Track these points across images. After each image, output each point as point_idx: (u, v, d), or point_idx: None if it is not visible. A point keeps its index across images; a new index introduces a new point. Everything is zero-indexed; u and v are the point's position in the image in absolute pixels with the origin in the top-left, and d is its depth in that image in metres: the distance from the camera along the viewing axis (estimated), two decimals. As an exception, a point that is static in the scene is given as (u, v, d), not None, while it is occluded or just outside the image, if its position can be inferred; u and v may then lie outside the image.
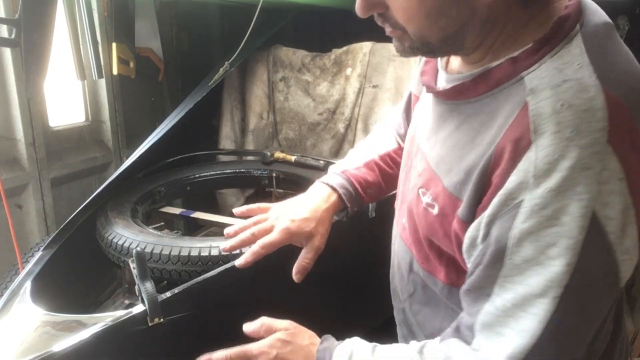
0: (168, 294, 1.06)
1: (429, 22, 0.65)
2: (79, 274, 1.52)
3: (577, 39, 0.63)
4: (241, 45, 2.01)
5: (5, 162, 2.12)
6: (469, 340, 0.68)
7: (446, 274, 0.80)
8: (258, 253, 0.94)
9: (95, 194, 1.59)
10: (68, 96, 2.51)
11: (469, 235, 0.67)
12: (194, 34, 2.94)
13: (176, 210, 1.84)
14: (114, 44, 2.42)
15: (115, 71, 2.46)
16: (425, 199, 0.78)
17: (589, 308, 0.61)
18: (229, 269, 1.17)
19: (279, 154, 2.09)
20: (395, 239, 0.97)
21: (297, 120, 2.43)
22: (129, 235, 1.37)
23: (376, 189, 1.09)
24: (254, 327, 0.86)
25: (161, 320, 1.02)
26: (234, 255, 1.26)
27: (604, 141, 0.57)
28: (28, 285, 1.23)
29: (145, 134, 1.88)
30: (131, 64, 2.54)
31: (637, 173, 0.59)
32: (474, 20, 0.65)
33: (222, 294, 1.17)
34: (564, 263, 0.57)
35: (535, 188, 0.58)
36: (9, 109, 2.10)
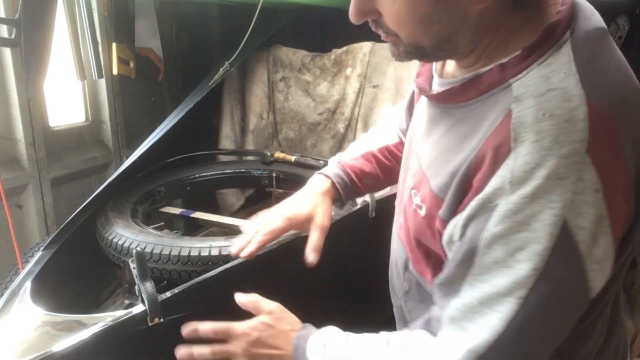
0: (168, 294, 1.06)
1: (421, 29, 0.65)
2: (79, 274, 1.51)
3: (567, 46, 0.63)
4: (241, 45, 2.01)
5: (5, 162, 2.12)
6: (436, 332, 0.70)
7: (433, 275, 0.80)
8: (261, 241, 0.99)
9: (95, 194, 1.59)
10: (68, 96, 2.52)
11: (447, 233, 0.69)
12: (194, 34, 2.94)
13: (176, 210, 1.84)
14: (114, 44, 2.42)
15: (115, 71, 2.46)
16: (416, 200, 0.79)
17: (554, 312, 0.62)
18: (229, 269, 1.17)
19: (279, 154, 2.09)
20: (394, 236, 0.98)
21: (297, 120, 2.43)
22: (129, 235, 1.37)
23: (373, 180, 1.10)
24: (244, 300, 0.90)
25: (161, 320, 1.02)
26: (233, 255, 1.27)
27: (583, 152, 0.57)
28: (28, 285, 1.23)
29: (145, 134, 1.88)
30: (131, 64, 2.54)
31: (616, 185, 0.60)
32: (465, 27, 0.65)
33: (222, 294, 1.16)
34: (530, 267, 0.59)
35: (510, 194, 0.59)
36: (9, 109, 2.10)
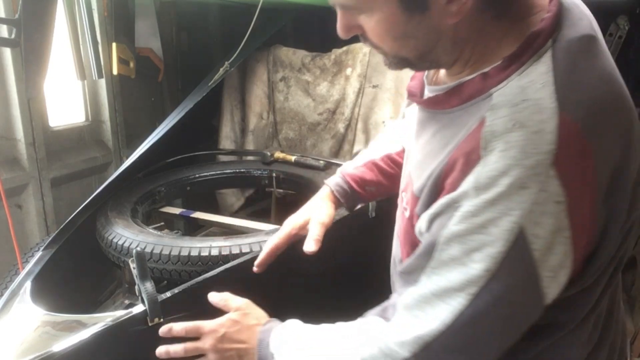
0: (168, 294, 1.06)
1: (399, 43, 0.69)
2: (79, 274, 1.52)
3: (547, 55, 0.63)
4: (241, 45, 2.01)
5: (5, 162, 2.12)
6: (391, 317, 0.73)
7: None
8: (270, 249, 1.06)
9: (95, 194, 1.59)
10: (68, 96, 2.52)
11: (418, 226, 0.73)
12: (194, 34, 2.94)
13: (176, 210, 1.84)
14: (114, 44, 2.42)
15: (115, 71, 2.46)
16: (404, 202, 0.83)
17: (504, 312, 0.64)
18: (228, 269, 1.18)
19: (279, 154, 2.09)
20: (394, 236, 0.99)
21: (297, 120, 2.43)
22: (129, 235, 1.37)
23: (377, 187, 1.13)
24: (215, 299, 0.96)
25: (161, 320, 1.03)
26: (233, 255, 1.27)
27: (548, 164, 0.59)
28: (28, 285, 1.23)
29: (145, 134, 1.88)
30: (131, 64, 2.54)
31: (582, 199, 0.61)
32: (442, 39, 0.68)
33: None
34: (483, 268, 0.61)
35: (474, 197, 0.62)
36: (9, 109, 2.10)
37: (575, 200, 0.60)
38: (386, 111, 2.18)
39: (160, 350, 0.92)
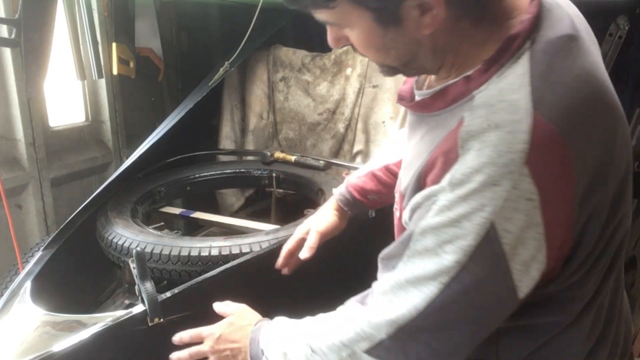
0: (168, 294, 1.06)
1: (381, 54, 0.73)
2: (79, 274, 1.52)
3: (525, 57, 0.65)
4: (241, 45, 2.01)
5: (5, 162, 2.12)
6: (368, 302, 0.77)
7: None
8: (285, 255, 1.16)
9: (95, 194, 1.59)
10: (68, 96, 2.52)
11: (404, 218, 0.76)
12: (194, 34, 2.94)
13: (176, 210, 1.84)
14: (114, 44, 2.42)
15: (115, 71, 2.46)
16: (396, 203, 0.87)
17: (475, 302, 0.66)
18: (229, 269, 1.18)
19: (279, 154, 2.08)
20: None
21: (297, 120, 2.43)
22: (129, 235, 1.37)
23: (378, 195, 1.20)
24: (219, 309, 1.02)
25: (161, 320, 1.03)
26: (233, 255, 1.27)
27: (521, 163, 0.60)
28: (28, 285, 1.23)
29: (145, 134, 1.88)
30: (131, 64, 2.54)
31: (556, 197, 0.63)
32: (422, 49, 0.71)
33: (222, 294, 1.17)
34: (454, 259, 0.64)
35: (449, 192, 0.65)
36: (9, 109, 2.10)
37: (550, 197, 0.62)
38: (386, 111, 2.18)
39: (172, 356, 0.98)
